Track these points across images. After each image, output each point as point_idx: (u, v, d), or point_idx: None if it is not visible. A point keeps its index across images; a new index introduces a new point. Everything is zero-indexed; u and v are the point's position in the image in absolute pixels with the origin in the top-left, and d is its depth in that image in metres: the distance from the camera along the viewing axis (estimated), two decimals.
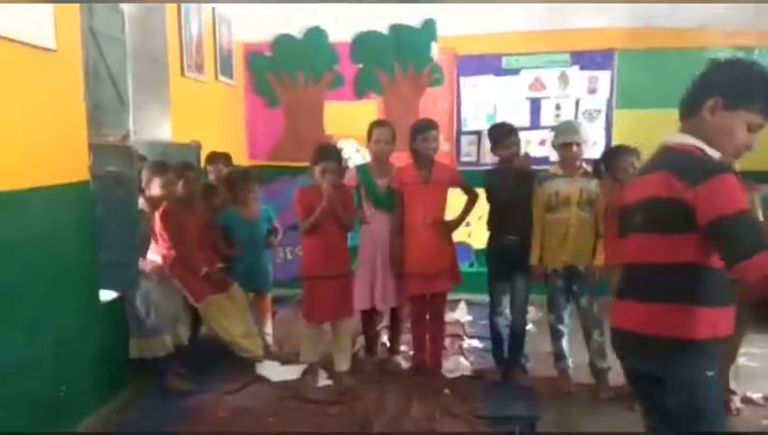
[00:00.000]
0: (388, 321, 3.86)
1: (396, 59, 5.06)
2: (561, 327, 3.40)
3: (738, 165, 3.02)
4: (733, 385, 3.13)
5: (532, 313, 4.45)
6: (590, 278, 3.29)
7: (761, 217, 3.08)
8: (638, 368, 1.69)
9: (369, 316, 3.70)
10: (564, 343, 3.42)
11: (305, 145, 3.85)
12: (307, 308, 3.45)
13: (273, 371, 3.56)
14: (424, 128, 3.43)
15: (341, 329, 3.49)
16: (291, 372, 3.53)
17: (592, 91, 5.00)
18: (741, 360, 3.30)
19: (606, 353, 3.28)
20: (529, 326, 4.31)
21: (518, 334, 3.52)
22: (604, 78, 4.93)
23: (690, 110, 1.68)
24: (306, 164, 3.48)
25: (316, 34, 5.11)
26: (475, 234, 4.69)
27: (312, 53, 5.14)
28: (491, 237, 3.54)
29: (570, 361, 3.42)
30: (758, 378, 3.45)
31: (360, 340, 3.87)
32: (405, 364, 3.71)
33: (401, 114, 4.81)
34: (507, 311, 3.51)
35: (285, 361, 3.68)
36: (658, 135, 5.23)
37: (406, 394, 3.26)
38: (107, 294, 3.13)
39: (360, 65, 5.10)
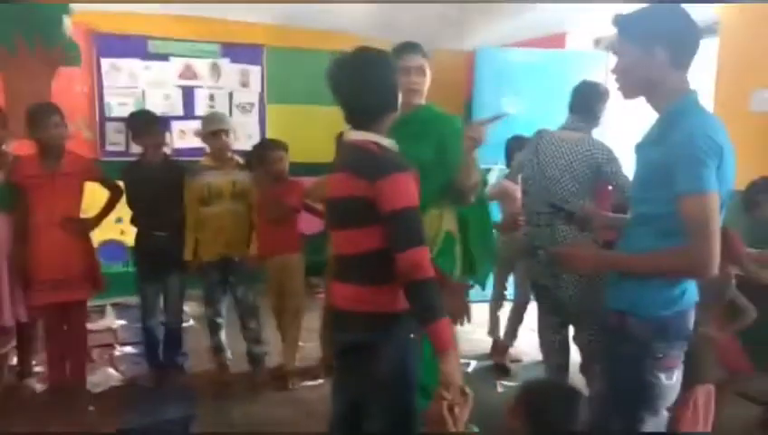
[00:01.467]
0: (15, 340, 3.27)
1: (19, 32, 4.29)
2: (219, 320, 3.39)
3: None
4: None
5: (192, 308, 4.36)
6: (246, 268, 3.35)
7: None
8: (351, 341, 1.77)
9: None
10: (222, 335, 3.42)
11: None
12: None
13: None
14: (42, 113, 2.96)
15: None
16: None
17: (245, 84, 5.11)
18: None
19: (262, 340, 3.40)
20: (190, 323, 4.23)
21: (174, 333, 3.39)
22: (255, 72, 5.08)
23: (372, 116, 1.76)
24: None
25: None
26: (129, 231, 4.32)
27: None
28: (138, 235, 3.32)
29: (228, 352, 3.44)
30: None
31: None
32: (41, 387, 3.20)
33: (29, 96, 4.10)
34: (161, 310, 3.34)
35: None
36: (308, 129, 5.65)
37: (41, 421, 2.81)
38: None
39: None
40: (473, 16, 5.65)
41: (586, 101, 2.88)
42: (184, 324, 3.58)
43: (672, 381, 1.68)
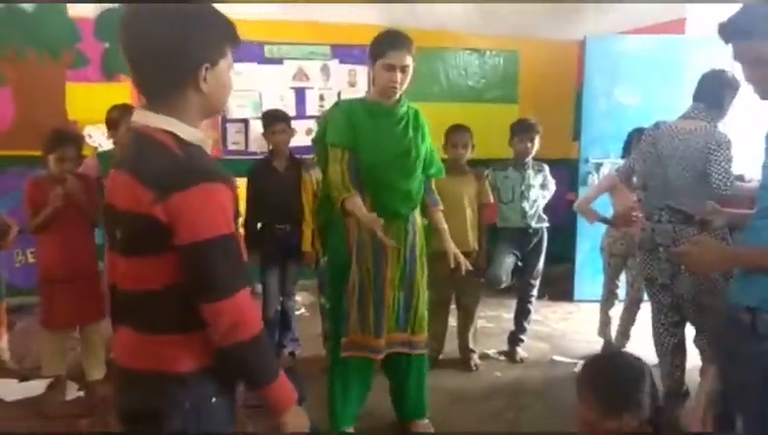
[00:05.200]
0: None
1: None
2: None
3: (471, 154, 3.51)
4: (472, 345, 3.59)
5: (304, 298, 4.58)
6: None
7: (491, 200, 3.57)
8: (129, 408, 1.31)
9: None
10: None
11: (44, 131, 3.40)
12: (47, 314, 3.05)
13: (9, 389, 3.10)
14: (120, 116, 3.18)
15: (92, 334, 3.17)
16: (32, 389, 3.10)
17: (352, 84, 5.26)
18: (479, 323, 3.81)
19: None
20: (302, 311, 4.45)
21: (288, 318, 3.60)
22: (362, 72, 5.21)
23: (168, 86, 1.24)
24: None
25: (52, 8, 4.51)
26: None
27: (47, 27, 4.53)
28: (262, 228, 3.54)
29: None
30: (493, 337, 4.01)
31: None
32: None
33: None
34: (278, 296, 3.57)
35: (25, 377, 3.23)
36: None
37: None
38: None
39: (107, 44, 4.64)
40: (582, 5, 5.46)
41: (711, 91, 2.67)
42: (296, 313, 3.78)
43: None
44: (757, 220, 1.65)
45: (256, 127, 4.84)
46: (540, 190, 3.65)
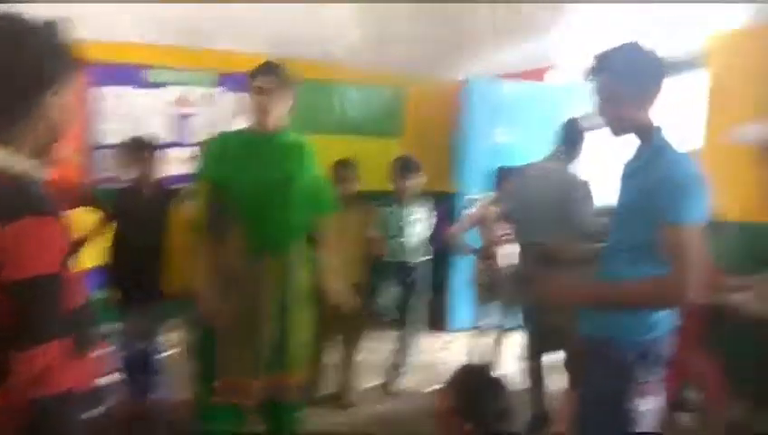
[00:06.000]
0: None
1: None
2: None
3: (357, 187, 3.52)
4: (350, 379, 3.57)
5: (173, 336, 4.31)
6: None
7: (376, 234, 3.60)
8: None
9: None
10: None
11: None
12: None
13: None
14: None
15: None
16: None
17: (238, 113, 5.16)
18: (359, 355, 3.79)
19: None
20: (174, 350, 4.18)
21: (151, 361, 3.40)
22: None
23: (3, 120, 1.16)
24: None
25: None
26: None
27: None
28: (122, 261, 3.30)
29: None
30: (373, 369, 3.97)
31: None
32: None
33: None
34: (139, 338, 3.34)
35: None
36: None
37: None
38: None
39: None
40: (463, 47, 5.72)
41: (569, 136, 2.99)
42: (168, 352, 3.56)
43: (650, 406, 1.69)
44: (607, 253, 1.80)
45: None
46: (421, 224, 3.75)
